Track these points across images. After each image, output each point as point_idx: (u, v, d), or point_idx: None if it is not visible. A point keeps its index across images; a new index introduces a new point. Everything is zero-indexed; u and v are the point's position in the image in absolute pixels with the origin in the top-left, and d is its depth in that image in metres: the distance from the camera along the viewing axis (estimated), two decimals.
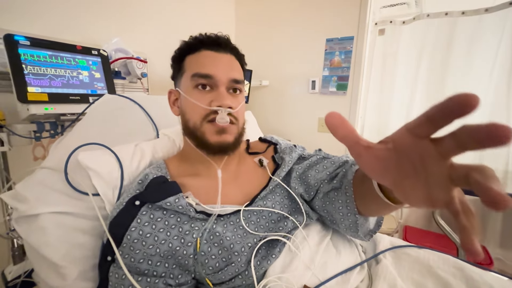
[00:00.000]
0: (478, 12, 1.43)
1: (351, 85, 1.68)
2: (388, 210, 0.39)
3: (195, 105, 0.51)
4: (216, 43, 0.55)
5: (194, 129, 0.53)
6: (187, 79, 0.54)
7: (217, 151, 0.53)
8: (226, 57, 0.55)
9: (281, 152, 0.64)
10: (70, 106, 0.91)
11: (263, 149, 0.68)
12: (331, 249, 0.55)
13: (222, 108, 0.50)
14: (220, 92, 0.52)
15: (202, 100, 0.51)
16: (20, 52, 0.82)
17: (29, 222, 0.47)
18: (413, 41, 1.63)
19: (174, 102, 0.60)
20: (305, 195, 0.57)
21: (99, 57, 1.02)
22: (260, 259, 0.48)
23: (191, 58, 0.55)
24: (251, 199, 0.55)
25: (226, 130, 0.52)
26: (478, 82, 1.49)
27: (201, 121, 0.52)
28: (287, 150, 0.64)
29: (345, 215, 0.49)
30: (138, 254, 0.43)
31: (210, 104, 0.51)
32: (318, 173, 0.56)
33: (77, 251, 0.49)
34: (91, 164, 0.53)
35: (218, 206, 0.51)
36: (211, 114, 0.51)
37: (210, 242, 0.46)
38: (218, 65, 0.53)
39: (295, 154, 0.63)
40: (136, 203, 0.47)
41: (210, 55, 0.54)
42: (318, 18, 1.73)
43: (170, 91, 0.60)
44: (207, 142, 0.52)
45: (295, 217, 0.54)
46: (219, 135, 0.52)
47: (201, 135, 0.52)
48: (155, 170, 0.54)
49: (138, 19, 1.46)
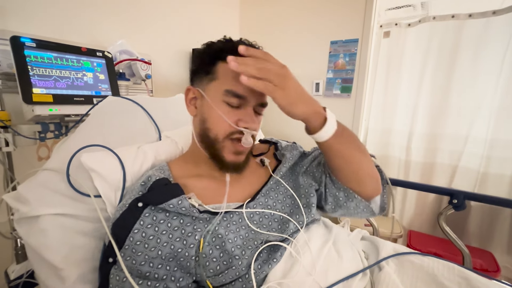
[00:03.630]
0: (485, 14, 1.41)
1: (355, 87, 1.67)
2: (330, 152, 0.53)
3: (221, 119, 0.50)
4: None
5: (214, 141, 0.52)
6: (218, 89, 0.51)
7: (230, 169, 0.54)
8: None
9: (282, 150, 0.67)
10: (75, 107, 0.92)
11: (266, 149, 0.69)
12: (333, 254, 0.54)
13: (249, 130, 0.51)
14: (248, 113, 0.51)
15: (229, 116, 0.50)
16: (26, 53, 0.83)
17: (30, 224, 0.47)
18: (419, 44, 1.61)
19: (191, 100, 0.57)
20: (316, 186, 0.59)
21: (103, 59, 1.03)
22: (261, 262, 0.48)
23: (226, 68, 0.48)
24: (252, 195, 0.56)
25: (243, 152, 0.54)
26: (485, 86, 1.46)
27: (224, 137, 0.51)
28: (288, 147, 0.67)
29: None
30: (140, 257, 0.43)
31: (237, 123, 0.51)
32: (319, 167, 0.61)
33: (77, 254, 0.49)
34: (93, 165, 0.53)
35: (224, 206, 0.51)
36: (236, 133, 0.51)
37: (212, 244, 0.46)
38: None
39: (296, 151, 0.66)
40: (139, 205, 0.47)
41: None
42: (323, 20, 1.73)
43: (189, 88, 0.57)
44: (222, 159, 0.53)
45: (296, 217, 0.54)
46: (236, 155, 0.53)
47: (219, 149, 0.52)
48: (158, 172, 0.54)
49: (143, 21, 1.47)
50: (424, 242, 1.56)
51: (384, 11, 1.75)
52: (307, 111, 0.48)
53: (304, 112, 0.47)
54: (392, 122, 1.76)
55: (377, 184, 0.58)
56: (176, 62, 1.66)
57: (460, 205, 0.75)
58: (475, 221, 1.55)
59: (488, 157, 1.49)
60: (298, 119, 0.48)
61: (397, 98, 1.72)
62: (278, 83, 0.44)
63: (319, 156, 0.64)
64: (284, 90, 0.44)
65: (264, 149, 0.70)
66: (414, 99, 1.68)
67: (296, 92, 0.46)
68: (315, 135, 0.50)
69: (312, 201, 0.57)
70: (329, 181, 0.59)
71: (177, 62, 1.66)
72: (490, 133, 1.47)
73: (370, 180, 0.57)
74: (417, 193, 1.72)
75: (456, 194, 0.76)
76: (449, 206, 0.77)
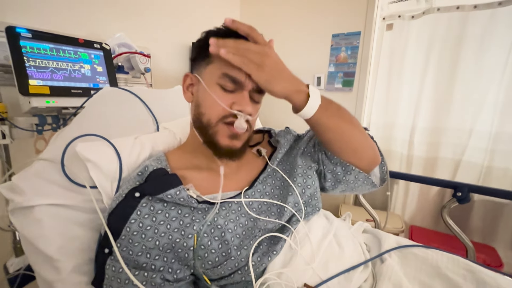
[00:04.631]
0: (491, 5, 1.38)
1: (358, 81, 1.64)
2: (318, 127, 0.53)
3: (215, 102, 0.49)
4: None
5: (208, 125, 0.51)
6: (213, 72, 0.50)
7: (223, 155, 0.52)
8: None
9: (276, 136, 0.68)
10: (72, 99, 0.91)
11: (260, 138, 0.70)
12: (333, 246, 0.53)
13: (243, 113, 0.49)
14: (243, 97, 0.50)
15: (224, 99, 0.49)
16: (22, 44, 0.81)
17: (24, 214, 0.46)
18: (422, 36, 1.59)
19: (188, 87, 0.56)
20: (315, 166, 0.60)
21: (101, 51, 1.01)
22: (261, 255, 0.47)
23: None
24: (250, 184, 0.56)
25: (238, 137, 0.52)
26: (490, 79, 1.44)
27: (217, 121, 0.50)
28: (282, 133, 0.68)
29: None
30: (137, 247, 0.42)
31: (232, 106, 0.49)
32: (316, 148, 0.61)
33: (72, 244, 0.48)
34: (89, 155, 0.52)
35: (219, 196, 0.50)
36: (230, 116, 0.50)
37: (210, 235, 0.45)
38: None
39: (290, 135, 0.67)
40: (136, 195, 0.46)
41: None
42: (324, 13, 1.70)
43: (187, 74, 0.56)
44: (217, 143, 0.51)
45: (293, 199, 0.54)
46: (231, 139, 0.51)
47: (212, 134, 0.51)
48: (155, 162, 0.53)
49: (142, 14, 1.45)
50: (426, 237, 1.55)
51: (387, 4, 1.71)
52: (288, 89, 0.48)
53: (284, 90, 0.48)
54: (395, 116, 1.74)
55: (373, 154, 0.58)
56: (176, 56, 1.64)
57: (464, 198, 0.73)
58: (478, 216, 1.54)
59: (493, 151, 1.47)
60: (279, 97, 0.49)
61: (400, 92, 1.70)
62: (256, 60, 0.44)
63: (314, 136, 0.64)
64: (262, 67, 0.45)
65: (259, 138, 0.70)
66: (417, 92, 1.66)
67: (276, 69, 0.47)
68: (301, 113, 0.51)
69: (308, 183, 0.57)
70: (325, 158, 0.59)
71: (176, 55, 1.64)
72: (495, 127, 1.45)
73: (365, 150, 0.57)
74: (419, 187, 1.71)
75: (460, 187, 0.74)
76: (453, 199, 0.76)
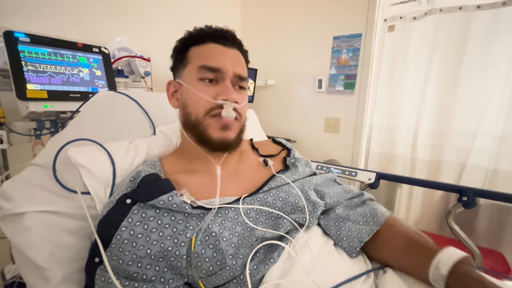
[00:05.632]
0: (494, 5, 1.35)
1: (359, 83, 1.63)
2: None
3: (199, 98, 0.50)
4: (223, 36, 0.54)
5: (197, 122, 0.51)
6: (191, 70, 0.52)
7: (218, 148, 0.52)
8: (232, 51, 0.54)
9: (294, 159, 0.66)
10: (70, 103, 0.91)
11: (276, 151, 0.68)
12: (334, 254, 0.51)
13: (228, 102, 0.49)
14: (226, 86, 0.51)
15: (207, 92, 0.50)
16: (20, 49, 0.81)
17: (14, 221, 0.45)
18: (425, 38, 1.56)
19: (173, 94, 0.58)
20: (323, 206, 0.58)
21: (100, 55, 1.01)
22: (257, 263, 0.45)
23: (197, 49, 0.53)
24: (251, 192, 0.54)
25: (229, 127, 0.51)
26: (494, 82, 1.40)
27: (205, 115, 0.50)
28: (303, 161, 0.66)
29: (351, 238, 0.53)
30: (128, 256, 0.40)
31: (216, 97, 0.50)
32: (335, 195, 0.60)
33: (62, 253, 0.46)
34: (81, 160, 0.51)
35: (217, 200, 0.48)
36: (216, 108, 0.50)
37: (205, 243, 0.43)
38: (225, 59, 0.52)
39: (309, 169, 0.65)
40: (127, 201, 0.44)
41: (217, 48, 0.53)
42: (325, 15, 1.69)
43: (169, 82, 0.58)
44: (209, 138, 0.51)
45: (295, 217, 0.52)
46: (223, 131, 0.51)
47: (203, 130, 0.51)
48: (148, 167, 0.52)
49: (142, 18, 1.45)
50: None
51: (388, 6, 1.70)
52: None
53: None
54: (397, 119, 1.71)
55: None
56: None
57: (470, 203, 0.71)
58: (484, 220, 1.50)
59: (498, 154, 1.43)
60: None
61: (402, 94, 1.67)
62: None
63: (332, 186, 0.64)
64: None
65: (275, 151, 0.68)
66: (420, 94, 1.63)
67: None
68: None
69: (318, 212, 0.55)
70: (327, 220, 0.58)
71: None
72: (500, 129, 1.41)
73: None
74: (423, 191, 1.67)
75: (466, 191, 0.72)
76: (459, 204, 0.73)
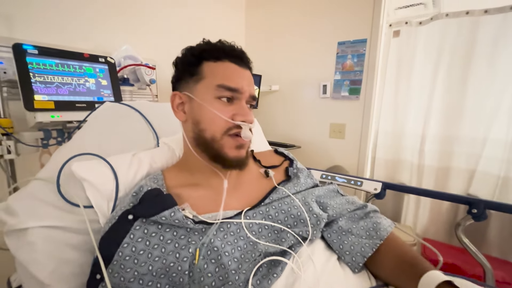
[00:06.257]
0: (502, 10, 1.33)
1: (364, 89, 1.61)
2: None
3: (217, 116, 0.50)
4: (240, 57, 0.55)
5: (212, 140, 0.51)
6: (208, 87, 0.51)
7: (234, 166, 0.53)
8: (247, 72, 0.56)
9: (297, 169, 0.66)
10: (77, 113, 0.92)
11: (279, 162, 0.68)
12: (338, 270, 0.50)
13: (246, 123, 0.51)
14: (243, 107, 0.52)
15: (224, 112, 0.51)
16: (28, 61, 0.83)
17: (18, 237, 0.46)
18: (431, 43, 1.54)
19: (178, 106, 0.56)
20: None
21: (106, 65, 1.03)
22: (261, 278, 0.45)
23: (213, 66, 0.53)
24: (252, 205, 0.54)
25: (244, 146, 0.53)
26: (504, 85, 1.37)
27: (222, 134, 0.51)
28: (305, 172, 0.66)
29: (354, 252, 0.52)
30: (129, 273, 0.40)
31: (233, 117, 0.51)
32: (337, 206, 0.59)
33: (65, 268, 0.47)
34: (85, 174, 0.51)
35: (220, 214, 0.48)
36: (234, 128, 0.51)
37: (207, 258, 0.43)
38: (243, 80, 0.53)
39: (311, 180, 0.65)
40: (129, 217, 0.44)
41: (236, 68, 0.54)
42: (329, 20, 1.69)
43: (174, 93, 0.56)
44: (225, 156, 0.51)
45: (298, 230, 0.51)
46: (238, 150, 0.52)
47: (219, 148, 0.51)
48: (151, 181, 0.52)
49: (148, 25, 1.47)
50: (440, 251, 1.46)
51: (394, 10, 1.69)
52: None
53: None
54: (404, 124, 1.69)
55: None
56: None
57: (480, 215, 0.68)
58: (495, 229, 1.46)
59: (509, 161, 1.39)
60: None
61: (408, 99, 1.65)
62: None
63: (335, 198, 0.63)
64: None
65: (277, 162, 0.68)
66: (426, 100, 1.60)
67: None
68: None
69: (321, 225, 0.54)
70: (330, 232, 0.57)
71: None
72: (511, 135, 1.38)
73: None
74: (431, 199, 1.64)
75: (475, 203, 0.69)
76: (468, 216, 0.71)
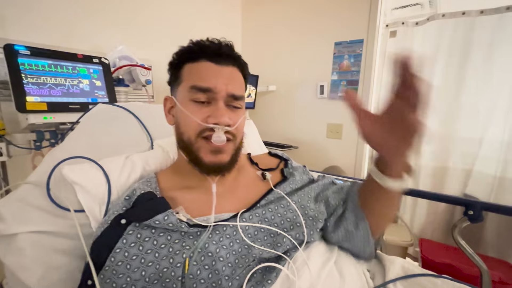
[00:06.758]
0: (498, 10, 1.33)
1: (361, 89, 1.61)
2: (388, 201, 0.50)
3: (191, 119, 0.48)
4: (217, 53, 0.51)
5: (189, 144, 0.50)
6: (184, 89, 0.51)
7: (211, 171, 0.51)
8: (227, 70, 0.52)
9: (292, 169, 0.65)
10: (70, 115, 0.90)
11: (275, 165, 0.66)
12: (334, 274, 0.49)
13: (219, 126, 0.47)
14: (218, 108, 0.48)
15: (198, 114, 0.48)
16: (20, 61, 0.81)
17: (6, 242, 0.45)
18: (427, 43, 1.54)
19: (169, 110, 0.56)
20: (326, 216, 0.57)
21: (100, 65, 1.01)
22: (255, 284, 0.44)
23: (190, 67, 0.52)
24: (248, 207, 0.52)
25: (221, 150, 0.50)
26: (500, 86, 1.38)
27: (196, 137, 0.49)
28: (300, 169, 0.66)
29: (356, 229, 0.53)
30: (121, 279, 0.39)
31: (207, 120, 0.48)
32: (336, 196, 0.60)
33: (54, 274, 0.45)
34: (76, 178, 0.50)
35: (212, 217, 0.47)
36: (207, 130, 0.48)
37: (200, 263, 0.42)
38: (218, 78, 0.50)
39: (306, 177, 0.65)
40: (122, 221, 0.43)
41: (210, 67, 0.51)
42: (326, 21, 1.68)
43: (166, 98, 0.56)
44: (201, 161, 0.49)
45: (295, 234, 0.50)
46: (215, 155, 0.49)
47: (195, 151, 0.50)
48: (144, 185, 0.51)
49: (143, 25, 1.46)
50: (437, 251, 1.47)
51: (390, 10, 1.68)
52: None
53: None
54: None
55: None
56: None
57: (476, 217, 0.68)
58: (492, 229, 1.46)
59: (506, 161, 1.40)
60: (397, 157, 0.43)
61: None
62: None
63: (331, 189, 0.62)
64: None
65: (274, 164, 0.67)
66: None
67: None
68: (393, 181, 0.45)
69: (318, 225, 0.53)
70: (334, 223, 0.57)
71: None
72: (507, 135, 1.38)
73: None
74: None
75: (472, 205, 0.69)
76: (464, 217, 0.71)
